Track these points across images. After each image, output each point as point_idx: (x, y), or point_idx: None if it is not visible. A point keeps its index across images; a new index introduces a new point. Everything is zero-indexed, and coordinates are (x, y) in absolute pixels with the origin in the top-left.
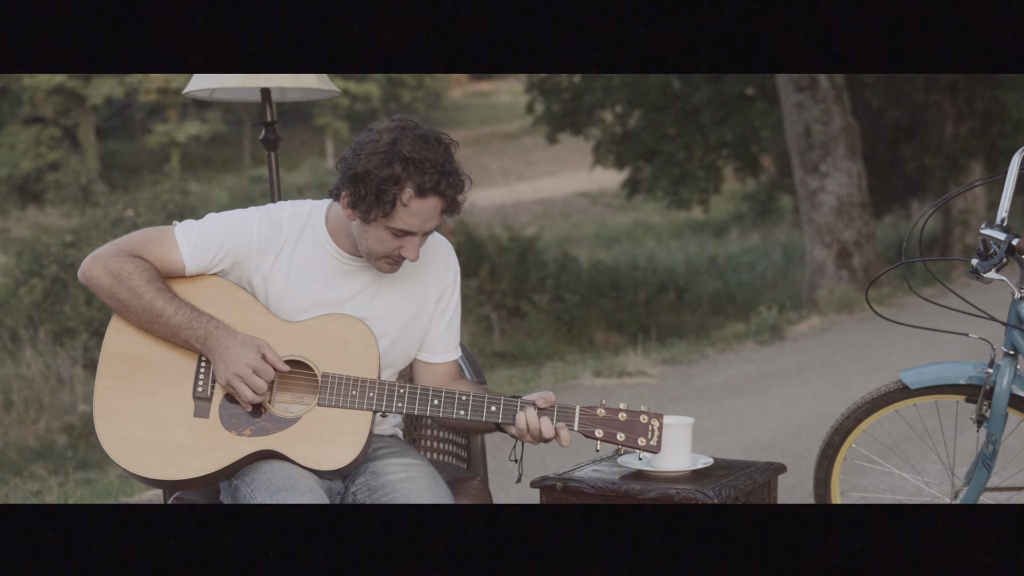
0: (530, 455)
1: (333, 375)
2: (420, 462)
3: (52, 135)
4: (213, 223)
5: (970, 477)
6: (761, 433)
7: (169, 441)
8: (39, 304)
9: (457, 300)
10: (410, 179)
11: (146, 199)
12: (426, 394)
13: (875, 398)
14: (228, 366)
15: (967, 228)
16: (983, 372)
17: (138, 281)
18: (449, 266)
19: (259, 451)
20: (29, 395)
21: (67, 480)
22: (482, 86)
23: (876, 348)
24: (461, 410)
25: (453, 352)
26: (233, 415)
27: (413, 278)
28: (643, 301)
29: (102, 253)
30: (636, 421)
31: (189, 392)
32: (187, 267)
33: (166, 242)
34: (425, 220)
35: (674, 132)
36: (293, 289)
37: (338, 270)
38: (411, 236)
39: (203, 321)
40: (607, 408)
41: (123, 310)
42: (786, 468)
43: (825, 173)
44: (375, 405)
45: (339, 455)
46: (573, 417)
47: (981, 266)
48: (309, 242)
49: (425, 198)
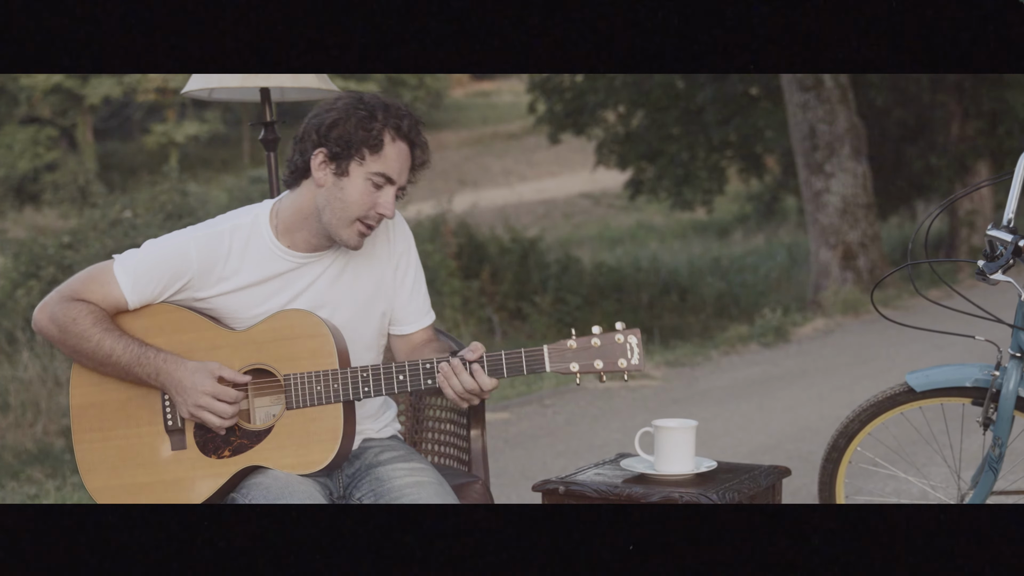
0: (531, 459)
1: (295, 375)
2: (426, 467)
3: (49, 135)
4: (149, 253)
5: (976, 480)
6: (765, 436)
7: (158, 481)
8: (35, 306)
9: (416, 266)
10: (388, 121)
11: (144, 200)
12: (390, 373)
13: (880, 401)
14: (186, 399)
15: (973, 229)
16: (989, 374)
17: (83, 324)
18: (398, 234)
19: (242, 469)
20: (26, 398)
21: (64, 484)
22: (483, 86)
23: (881, 350)
24: (428, 379)
25: (424, 318)
26: (209, 440)
27: (364, 255)
28: (646, 303)
29: (48, 301)
30: (612, 343)
31: (161, 428)
32: (130, 302)
33: (106, 280)
34: (401, 167)
35: (677, 132)
36: (248, 300)
37: (290, 270)
38: (389, 186)
39: (150, 356)
40: (578, 339)
41: (76, 356)
42: (790, 471)
43: (830, 174)
44: (343, 395)
45: (319, 455)
46: (543, 359)
47: (987, 267)
48: (255, 249)
49: (402, 142)
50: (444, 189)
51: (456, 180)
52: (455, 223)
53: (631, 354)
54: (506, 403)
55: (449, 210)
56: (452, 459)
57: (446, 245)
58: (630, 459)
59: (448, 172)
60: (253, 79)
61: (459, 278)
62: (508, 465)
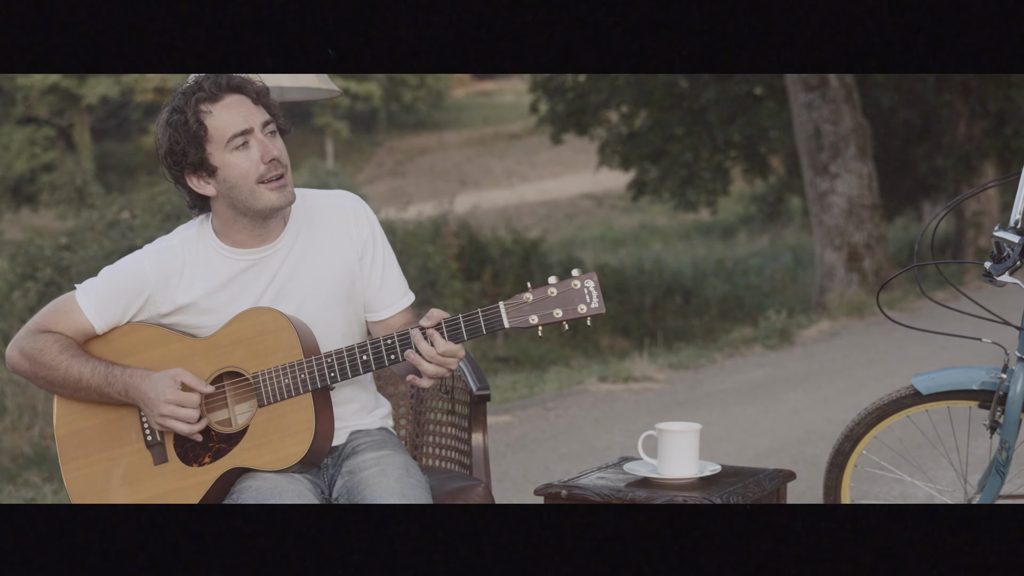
0: (533, 462)
1: (262, 372)
2: (392, 452)
3: (46, 135)
4: (108, 277)
5: (983, 484)
6: (770, 439)
7: (145, 498)
8: (33, 308)
9: (383, 249)
10: (191, 103)
11: (142, 201)
12: (353, 354)
13: (886, 404)
14: (152, 410)
15: (980, 230)
16: (996, 377)
17: (50, 354)
18: (359, 219)
19: (224, 473)
20: (23, 400)
21: (61, 487)
22: (485, 85)
23: (887, 353)
24: (391, 355)
25: (400, 302)
26: (188, 449)
27: (325, 242)
28: (649, 305)
29: (17, 338)
30: (569, 290)
31: (142, 444)
32: (96, 327)
33: (70, 310)
34: (245, 113)
35: (681, 132)
36: (209, 306)
37: (242, 270)
38: (251, 136)
39: (117, 374)
40: (533, 291)
41: (50, 387)
42: (795, 475)
43: (835, 174)
44: (311, 384)
45: (294, 447)
46: (500, 315)
47: (994, 269)
48: (204, 256)
49: (219, 99)
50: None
51: (457, 181)
52: (456, 224)
53: (590, 298)
54: (508, 406)
55: (450, 211)
56: (453, 462)
57: (447, 246)
58: (633, 463)
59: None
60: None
61: (460, 280)
62: (510, 468)
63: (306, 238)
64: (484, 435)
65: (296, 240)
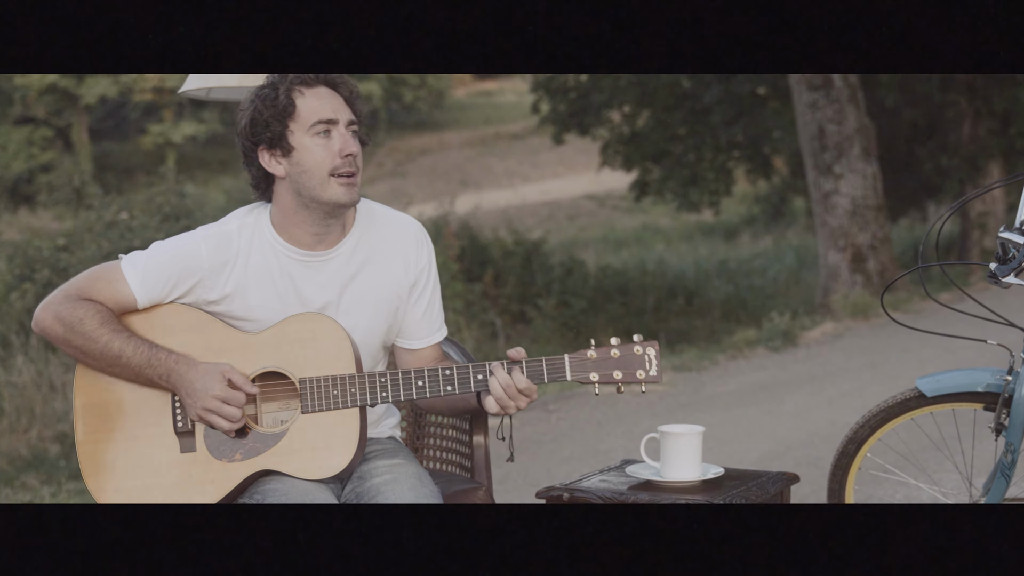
0: (535, 465)
1: (311, 379)
2: (405, 462)
3: (44, 136)
4: (160, 251)
5: (988, 487)
6: (773, 442)
7: (164, 484)
8: (31, 310)
9: (434, 282)
10: (287, 83)
11: (141, 201)
12: (409, 378)
13: (890, 406)
14: (196, 401)
15: (985, 231)
16: (1002, 379)
17: (91, 325)
18: (421, 248)
19: (254, 473)
20: (20, 403)
21: (60, 490)
22: (486, 85)
23: (891, 355)
24: (448, 386)
25: (436, 335)
26: (220, 443)
27: (382, 262)
28: (652, 306)
29: (52, 300)
30: (631, 354)
31: (170, 429)
32: (139, 301)
33: (114, 279)
34: (333, 106)
35: (684, 133)
36: (258, 300)
37: (297, 268)
38: (335, 127)
39: (162, 357)
40: (597, 348)
41: (83, 357)
42: (799, 478)
43: (839, 175)
44: (359, 400)
45: (335, 460)
46: (564, 367)
47: (999, 270)
48: (260, 248)
49: (315, 88)
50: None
51: (458, 181)
52: (457, 225)
53: (649, 366)
54: None
55: (451, 212)
56: (455, 465)
57: (448, 247)
58: (636, 465)
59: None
60: (252, 79)
61: (461, 281)
62: (511, 471)
63: (365, 252)
64: (485, 437)
65: (355, 252)
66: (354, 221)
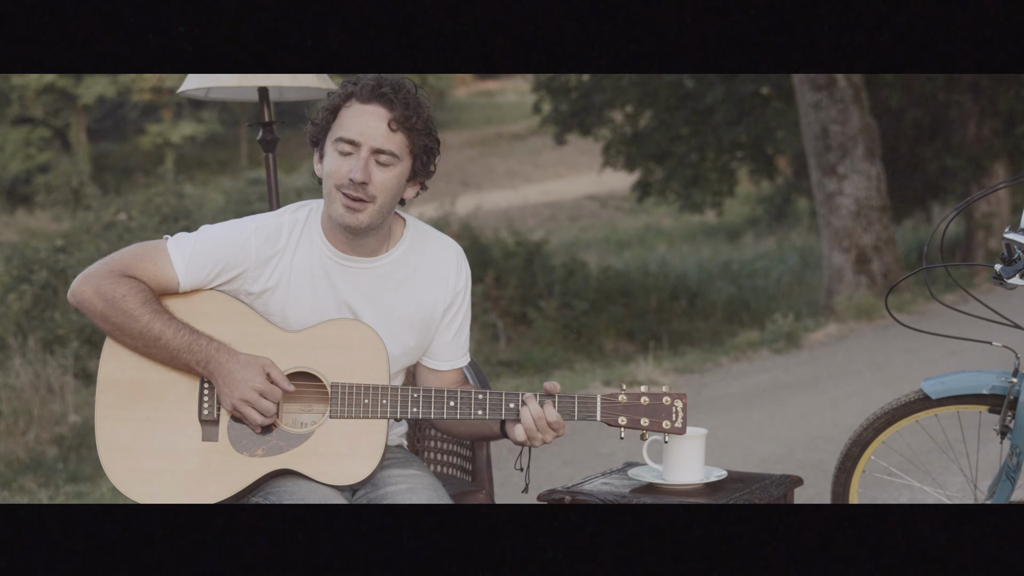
0: (536, 467)
1: (343, 385)
2: (422, 473)
3: (42, 136)
4: (208, 236)
5: (993, 490)
6: (777, 445)
7: (180, 469)
8: (28, 311)
9: (467, 307)
10: (351, 89)
11: (139, 202)
12: (441, 397)
13: (895, 408)
14: (233, 391)
15: (990, 232)
16: (1007, 381)
17: (133, 303)
18: (460, 271)
19: (274, 471)
20: (18, 405)
21: (57, 493)
22: (487, 85)
23: (896, 357)
24: (479, 410)
25: (461, 359)
26: (243, 436)
27: (421, 281)
28: (654, 308)
29: (93, 273)
30: (659, 404)
31: (195, 416)
32: (181, 284)
33: (159, 259)
34: (368, 129)
35: (686, 133)
36: (295, 298)
37: (337, 271)
38: (355, 150)
39: (203, 343)
40: (628, 394)
41: (118, 334)
42: (802, 481)
43: (843, 175)
44: (389, 412)
45: (357, 468)
46: (595, 407)
47: (1004, 272)
48: (307, 247)
49: (366, 104)
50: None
51: (459, 182)
52: (458, 226)
53: (675, 418)
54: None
55: (452, 212)
56: (455, 468)
57: None
58: (638, 468)
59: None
60: (251, 78)
61: None
62: (513, 474)
63: (408, 268)
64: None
65: (397, 266)
66: (401, 236)
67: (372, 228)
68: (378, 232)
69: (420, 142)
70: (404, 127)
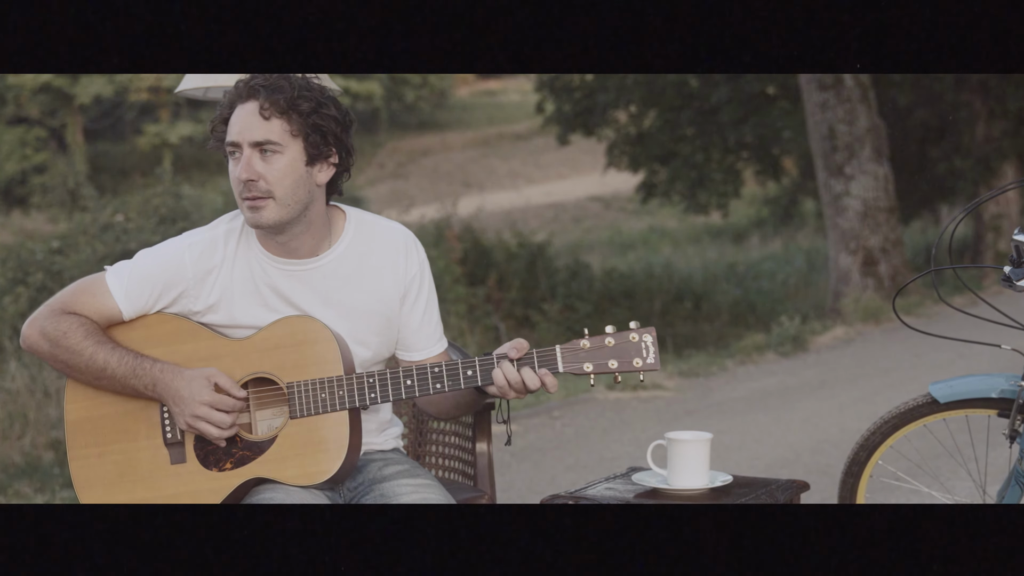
0: (539, 472)
1: (298, 383)
2: (431, 482)
3: (38, 136)
4: (144, 260)
5: (1002, 495)
6: (783, 449)
7: (157, 497)
8: (24, 314)
9: (429, 292)
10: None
11: (137, 203)
12: (397, 377)
13: (902, 412)
14: (184, 409)
15: (999, 234)
16: (1016, 385)
17: (74, 338)
18: (410, 257)
19: (245, 482)
20: (13, 409)
21: (53, 498)
22: (489, 84)
23: (903, 360)
24: (437, 383)
25: (436, 346)
26: (210, 452)
27: (369, 273)
28: (659, 311)
29: (38, 316)
30: (626, 342)
31: (160, 441)
32: (124, 313)
33: (98, 291)
34: (243, 125)
35: (691, 133)
36: (243, 310)
37: (280, 278)
38: (239, 151)
39: (147, 367)
40: (591, 338)
41: (69, 371)
42: (809, 486)
43: (850, 176)
44: (348, 403)
45: (325, 465)
46: (555, 359)
47: (1014, 274)
48: (244, 257)
49: (244, 103)
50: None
51: (461, 182)
52: (460, 227)
53: (646, 353)
54: (513, 414)
55: (454, 214)
56: (457, 473)
57: (451, 250)
58: (642, 473)
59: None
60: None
61: (464, 285)
62: (515, 479)
63: (353, 262)
64: (488, 444)
65: (342, 262)
66: (342, 230)
67: (287, 223)
68: (309, 230)
69: (305, 122)
70: (278, 111)
